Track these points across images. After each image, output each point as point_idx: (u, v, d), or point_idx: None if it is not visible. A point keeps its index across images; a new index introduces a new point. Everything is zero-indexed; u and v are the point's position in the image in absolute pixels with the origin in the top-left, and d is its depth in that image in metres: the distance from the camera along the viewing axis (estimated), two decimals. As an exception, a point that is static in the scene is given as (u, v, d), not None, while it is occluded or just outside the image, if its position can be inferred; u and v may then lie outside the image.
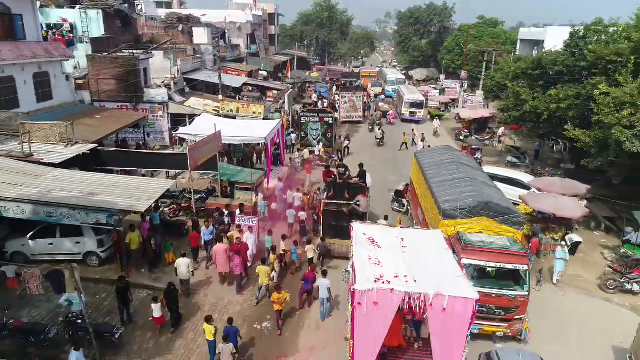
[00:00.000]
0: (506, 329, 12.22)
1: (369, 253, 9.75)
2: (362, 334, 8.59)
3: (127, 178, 16.68)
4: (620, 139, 15.92)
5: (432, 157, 18.64)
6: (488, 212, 13.43)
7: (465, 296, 8.20)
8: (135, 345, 11.82)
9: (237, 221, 16.02)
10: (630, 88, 16.41)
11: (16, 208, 13.43)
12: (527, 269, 12.04)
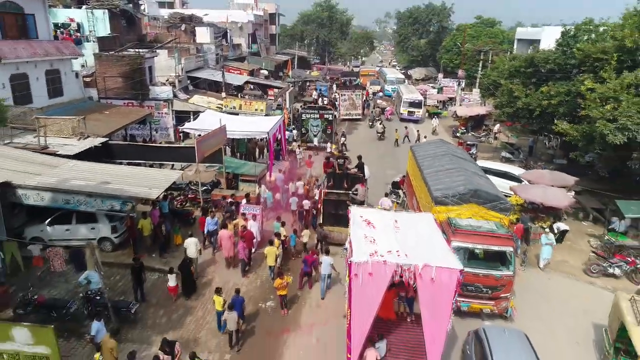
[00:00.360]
0: (493, 306, 13.12)
1: (364, 232, 10.68)
2: (358, 302, 9.52)
3: (138, 169, 17.61)
4: (604, 131, 16.85)
5: (427, 150, 19.56)
6: (477, 199, 14.34)
7: (450, 267, 9.14)
8: (149, 320, 12.74)
9: (242, 210, 16.94)
10: (614, 84, 17.35)
11: (36, 195, 14.37)
12: (512, 250, 12.96)
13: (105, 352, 10.03)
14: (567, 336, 13.06)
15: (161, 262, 15.44)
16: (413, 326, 11.45)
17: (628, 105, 16.55)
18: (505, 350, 9.95)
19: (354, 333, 9.69)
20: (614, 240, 17.12)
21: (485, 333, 10.68)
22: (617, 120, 16.65)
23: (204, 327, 12.70)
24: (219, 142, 19.36)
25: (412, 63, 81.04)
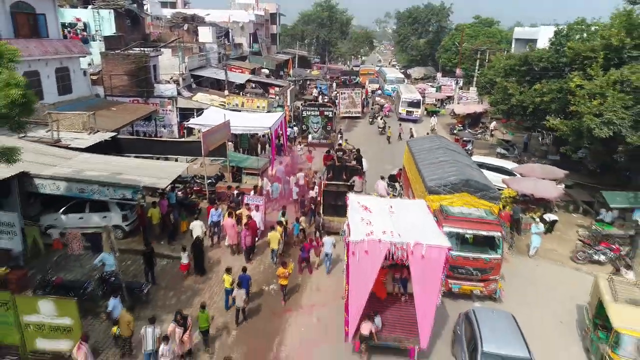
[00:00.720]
0: (482, 288, 13.96)
1: (361, 216, 11.52)
2: (355, 278, 10.37)
3: (148, 161, 18.46)
4: (590, 126, 17.68)
5: (423, 144, 20.42)
6: (468, 188, 15.18)
7: (439, 245, 9.98)
8: (159, 301, 13.57)
9: (246, 200, 17.78)
10: (600, 81, 18.19)
11: (52, 185, 15.21)
12: (500, 235, 13.79)
13: (122, 325, 10.88)
14: (551, 317, 13.89)
15: (170, 249, 16.30)
16: (407, 305, 12.30)
17: (613, 100, 17.38)
18: (493, 330, 10.61)
19: (351, 307, 10.54)
20: (600, 230, 17.97)
21: (474, 314, 11.33)
22: (603, 115, 17.48)
23: (212, 307, 13.51)
24: (224, 136, 20.20)
25: (411, 62, 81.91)
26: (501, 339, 10.40)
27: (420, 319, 10.49)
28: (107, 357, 11.32)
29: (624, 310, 10.95)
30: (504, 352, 9.98)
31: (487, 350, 9.99)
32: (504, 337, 10.49)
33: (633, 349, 10.46)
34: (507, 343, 10.26)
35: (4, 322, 10.43)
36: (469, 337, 10.84)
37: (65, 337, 10.37)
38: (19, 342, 10.52)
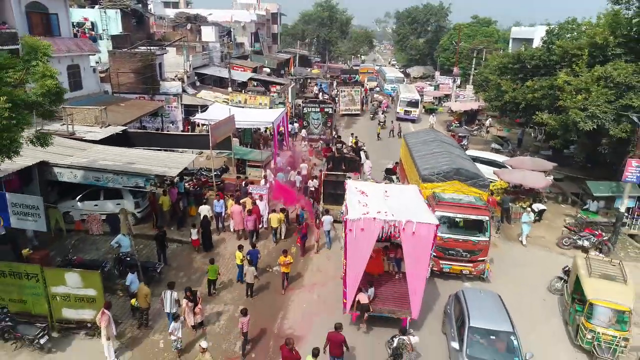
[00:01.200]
0: (471, 268, 14.97)
1: (358, 199, 12.57)
2: (352, 253, 11.42)
3: (158, 152, 19.47)
4: (575, 119, 18.72)
5: (418, 137, 21.47)
6: (459, 176, 16.21)
7: (428, 222, 11.04)
8: (171, 279, 14.49)
9: (250, 190, 18.84)
10: (585, 77, 19.23)
11: (70, 173, 16.26)
12: (487, 219, 14.84)
13: (140, 297, 11.93)
14: (535, 295, 14.93)
15: (179, 234, 17.37)
16: (400, 282, 13.35)
17: (597, 95, 18.42)
18: (480, 308, 11.37)
19: (349, 280, 11.60)
20: (585, 218, 19.03)
21: (463, 294, 12.10)
22: (587, 109, 18.52)
23: (219, 284, 14.60)
24: (229, 130, 21.25)
25: (410, 62, 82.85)
26: (487, 315, 11.17)
27: (411, 291, 11.55)
28: (125, 327, 12.36)
29: (598, 283, 12.00)
30: (489, 327, 10.79)
31: (474, 325, 10.78)
32: (490, 314, 11.26)
33: (604, 317, 11.51)
34: (493, 319, 11.04)
35: (34, 293, 11.50)
36: (457, 315, 11.59)
37: (89, 307, 11.44)
38: (47, 311, 11.58)
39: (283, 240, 17.61)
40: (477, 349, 10.45)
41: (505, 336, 10.63)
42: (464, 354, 10.32)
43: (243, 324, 11.16)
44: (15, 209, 13.43)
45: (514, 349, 10.40)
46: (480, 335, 10.67)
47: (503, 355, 10.42)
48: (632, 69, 18.05)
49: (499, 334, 10.72)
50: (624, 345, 11.33)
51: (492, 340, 10.68)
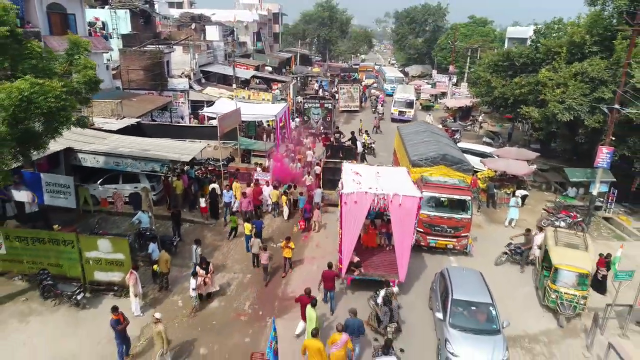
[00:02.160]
0: (455, 242, 16.56)
1: (353, 178, 14.24)
2: (346, 223, 13.10)
3: (171, 141, 21.14)
4: (554, 111, 20.39)
5: (411, 128, 23.18)
6: (445, 161, 17.84)
7: (413, 195, 12.72)
8: (185, 253, 16.23)
9: (256, 176, 20.53)
10: (563, 72, 20.90)
11: (92, 159, 17.96)
12: (470, 199, 16.48)
13: (161, 263, 13.62)
14: (514, 268, 16.55)
15: (191, 215, 19.06)
16: (390, 252, 15.00)
17: (574, 89, 20.09)
18: (462, 283, 12.39)
19: (344, 247, 13.29)
20: (562, 202, 20.70)
21: (447, 271, 13.07)
22: (565, 102, 20.19)
23: (229, 258, 16.31)
24: (235, 121, 22.94)
25: (409, 61, 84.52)
26: (469, 289, 12.17)
27: (399, 255, 13.23)
28: (148, 291, 14.01)
29: (562, 251, 13.69)
30: (470, 299, 11.83)
31: (456, 297, 11.76)
32: (471, 288, 12.28)
33: (567, 280, 13.18)
34: (473, 292, 12.05)
35: (70, 258, 13.20)
36: (442, 289, 12.58)
37: (118, 270, 13.12)
38: (80, 274, 13.27)
39: (286, 221, 19.29)
40: (459, 319, 11.44)
41: (485, 307, 11.64)
42: (447, 323, 11.31)
43: (262, 258, 14.04)
44: (49, 188, 15.20)
45: (492, 318, 11.43)
46: (462, 306, 11.67)
47: (482, 323, 11.44)
48: (605, 65, 19.72)
49: (479, 305, 11.71)
50: (583, 303, 13.02)
51: (473, 311, 11.68)
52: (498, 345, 10.81)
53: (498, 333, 11.14)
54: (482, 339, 10.99)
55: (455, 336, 11.01)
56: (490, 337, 11.03)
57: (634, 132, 18.98)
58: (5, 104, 8.40)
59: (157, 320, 10.61)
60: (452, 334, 11.08)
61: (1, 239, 13.33)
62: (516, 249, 16.38)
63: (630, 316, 12.89)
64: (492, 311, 11.57)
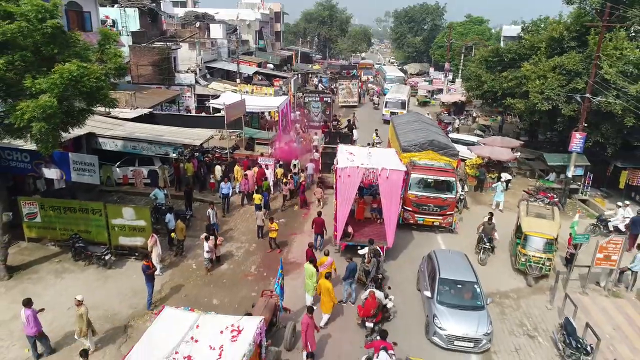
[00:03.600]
0: (441, 220, 18.21)
1: (347, 156, 16.03)
2: (341, 195, 14.89)
3: (182, 128, 22.90)
4: (535, 101, 22.16)
5: (403, 118, 24.97)
6: (433, 147, 19.41)
7: (398, 169, 14.52)
8: (197, 227, 18.03)
9: (259, 161, 22.32)
10: (543, 65, 22.67)
11: (112, 143, 19.76)
12: (454, 180, 18.12)
13: (178, 230, 15.44)
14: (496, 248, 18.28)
15: (200, 195, 20.87)
16: (380, 224, 16.77)
17: (552, 81, 21.85)
18: (449, 263, 13.25)
19: (338, 215, 15.08)
20: (542, 185, 22.49)
21: (434, 253, 13.88)
22: (544, 93, 21.96)
23: (236, 231, 18.12)
24: (240, 111, 24.75)
25: (408, 59, 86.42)
26: (455, 269, 13.02)
27: (387, 223, 15.02)
28: (165, 257, 15.77)
29: (531, 221, 15.49)
30: (456, 278, 12.68)
31: (443, 276, 12.60)
32: (457, 268, 13.14)
33: (534, 245, 14.96)
34: (459, 272, 12.93)
35: (97, 225, 15.01)
36: (430, 270, 13.34)
37: (140, 235, 14.92)
38: (107, 239, 15.08)
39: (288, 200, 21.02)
40: (446, 296, 12.25)
41: (470, 285, 12.51)
42: (435, 300, 12.13)
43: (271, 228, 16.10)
44: (76, 166, 17.01)
45: (477, 295, 12.30)
46: (448, 285, 12.49)
47: (467, 300, 12.27)
48: (579, 58, 21.48)
49: (464, 283, 12.56)
50: (549, 265, 14.81)
51: (459, 289, 12.50)
52: (482, 320, 11.65)
53: (482, 309, 12.00)
54: (467, 314, 11.81)
55: (443, 312, 11.83)
56: (475, 313, 11.87)
57: (607, 120, 20.72)
58: (57, 82, 10.21)
59: (79, 302, 10.56)
60: (440, 310, 11.90)
61: (37, 209, 15.16)
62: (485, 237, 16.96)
63: (589, 277, 14.67)
64: (477, 289, 12.44)
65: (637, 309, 13.71)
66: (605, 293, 14.73)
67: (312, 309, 10.67)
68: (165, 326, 7.50)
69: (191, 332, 7.30)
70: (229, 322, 7.64)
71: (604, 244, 13.96)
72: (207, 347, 7.02)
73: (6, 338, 11.38)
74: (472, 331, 11.47)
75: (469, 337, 11.46)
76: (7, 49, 10.03)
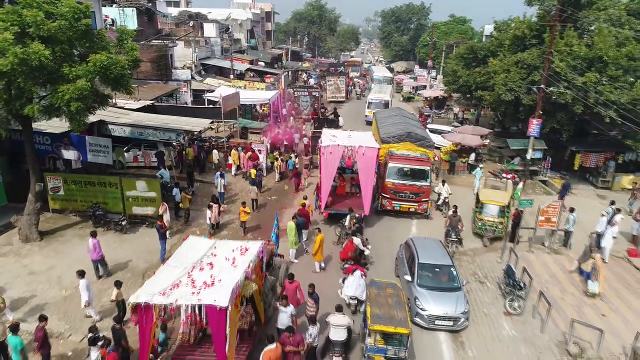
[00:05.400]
0: (417, 206, 19.70)
1: (330, 137, 18.55)
2: (324, 169, 17.43)
3: (183, 117, 25.23)
4: (499, 92, 24.87)
5: (385, 113, 27.48)
6: (410, 138, 21.17)
7: (373, 146, 17.08)
8: (199, 202, 20.41)
9: (253, 146, 24.77)
10: (507, 61, 25.41)
11: (120, 129, 21.96)
12: (429, 169, 20.04)
13: (184, 201, 17.84)
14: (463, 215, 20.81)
15: (200, 177, 23.26)
16: (358, 197, 19.22)
17: (514, 74, 24.58)
18: (426, 249, 14.09)
19: (322, 187, 17.60)
20: (507, 167, 25.23)
21: (412, 241, 14.78)
22: (507, 85, 24.68)
23: (235, 204, 20.52)
24: (235, 102, 27.18)
25: (395, 57, 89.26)
26: (432, 254, 13.85)
27: (364, 195, 17.57)
28: (172, 226, 18.11)
29: (487, 191, 18.19)
30: (434, 262, 13.53)
31: (422, 261, 13.38)
32: (434, 253, 14.01)
33: (489, 211, 17.60)
34: (436, 257, 13.78)
35: (114, 197, 17.35)
36: (408, 256, 14.15)
37: (151, 205, 17.28)
38: (122, 209, 17.41)
39: (277, 182, 23.43)
40: (425, 280, 13.03)
41: (447, 268, 13.39)
42: (415, 284, 12.91)
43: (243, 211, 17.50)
44: (91, 148, 19.30)
45: (453, 277, 13.15)
46: (427, 269, 13.27)
47: (445, 282, 13.08)
48: (537, 54, 24.21)
49: (442, 267, 13.41)
50: (501, 227, 17.45)
51: (437, 272, 13.30)
52: (460, 300, 12.48)
53: (459, 290, 12.83)
54: (446, 295, 12.59)
55: (423, 294, 12.59)
56: (453, 293, 12.68)
57: (562, 109, 23.47)
58: (91, 69, 12.54)
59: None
60: (420, 292, 12.66)
61: (60, 183, 17.45)
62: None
63: (534, 237, 17.34)
64: (453, 272, 13.33)
65: (572, 261, 16.36)
66: (547, 251, 17.41)
67: (292, 275, 11.99)
68: (191, 246, 10.00)
69: (211, 250, 9.77)
70: (238, 244, 10.15)
71: (545, 207, 16.62)
72: (223, 258, 9.46)
73: (45, 282, 13.70)
74: (451, 310, 12.20)
75: (448, 316, 12.20)
76: (50, 42, 12.33)
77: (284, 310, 10.51)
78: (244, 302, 9.75)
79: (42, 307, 12.37)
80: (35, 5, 12.15)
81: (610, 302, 14.28)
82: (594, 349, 11.79)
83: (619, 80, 20.60)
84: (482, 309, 13.72)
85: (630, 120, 19.88)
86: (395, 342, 9.76)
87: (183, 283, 8.36)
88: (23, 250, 15.42)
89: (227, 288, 8.09)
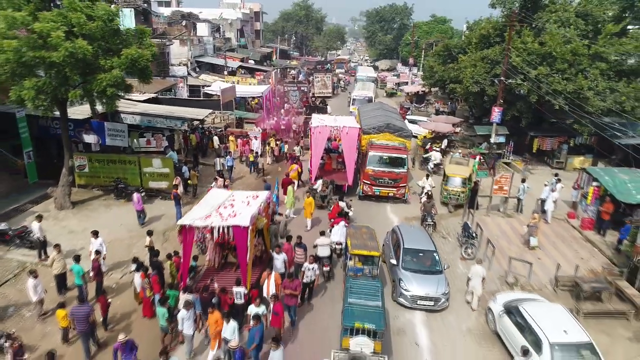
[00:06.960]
0: (395, 191, 22.00)
1: (318, 120, 21.64)
2: (314, 147, 20.57)
3: (185, 107, 28.07)
4: (467, 85, 28.19)
5: (369, 107, 30.64)
6: (389, 129, 23.79)
7: (355, 127, 20.22)
8: (204, 180, 23.26)
9: (249, 133, 27.71)
10: (474, 57, 28.75)
11: (131, 117, 24.73)
12: (406, 157, 22.84)
13: (193, 177, 20.74)
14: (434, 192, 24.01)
15: (203, 160, 26.12)
16: (343, 172, 22.28)
17: (480, 68, 27.92)
18: (411, 235, 15.14)
19: (312, 162, 20.68)
20: (474, 150, 28.58)
21: (398, 228, 15.83)
22: (474, 78, 28.01)
23: (236, 185, 23.44)
24: (232, 95, 30.07)
25: (379, 56, 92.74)
26: (416, 240, 14.84)
27: (347, 169, 20.70)
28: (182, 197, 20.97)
29: (452, 166, 21.46)
30: (418, 247, 14.51)
31: (407, 246, 14.37)
32: (418, 239, 15.03)
33: (453, 182, 20.85)
34: (420, 242, 14.79)
35: (133, 173, 20.15)
36: (394, 242, 15.17)
37: (165, 180, 20.12)
38: (139, 184, 20.21)
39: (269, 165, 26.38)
40: (409, 263, 13.97)
41: (430, 253, 14.35)
42: (400, 267, 13.88)
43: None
44: (110, 132, 22.04)
45: (436, 261, 14.12)
46: (411, 254, 14.21)
47: (428, 266, 14.05)
48: (499, 50, 27.59)
49: (425, 252, 14.37)
50: (463, 196, 20.69)
51: (420, 257, 14.23)
52: (441, 282, 13.43)
53: (441, 273, 13.79)
54: (428, 278, 13.51)
55: (407, 276, 13.54)
56: (435, 276, 13.63)
57: (520, 99, 26.86)
58: (123, 61, 15.38)
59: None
60: (405, 274, 13.62)
61: (86, 162, 20.19)
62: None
63: (491, 203, 20.62)
64: (436, 256, 14.30)
65: (521, 222, 19.64)
66: (502, 215, 20.71)
67: (290, 237, 14.28)
68: (214, 195, 13.07)
69: (230, 197, 12.79)
70: (251, 193, 13.24)
71: (498, 178, 19.91)
72: (240, 202, 12.43)
73: (83, 239, 16.47)
74: (433, 291, 13.11)
75: (430, 296, 13.09)
76: (89, 39, 15.08)
77: (277, 257, 13.27)
78: (257, 235, 12.76)
79: (86, 256, 15.17)
80: (78, 9, 14.93)
81: (548, 252, 17.57)
82: (526, 278, 15.06)
83: (565, 72, 24.02)
84: (443, 256, 16.85)
85: (578, 106, 23.27)
86: (369, 263, 12.85)
87: (213, 215, 11.37)
88: (60, 215, 18.18)
89: (247, 216, 11.15)
